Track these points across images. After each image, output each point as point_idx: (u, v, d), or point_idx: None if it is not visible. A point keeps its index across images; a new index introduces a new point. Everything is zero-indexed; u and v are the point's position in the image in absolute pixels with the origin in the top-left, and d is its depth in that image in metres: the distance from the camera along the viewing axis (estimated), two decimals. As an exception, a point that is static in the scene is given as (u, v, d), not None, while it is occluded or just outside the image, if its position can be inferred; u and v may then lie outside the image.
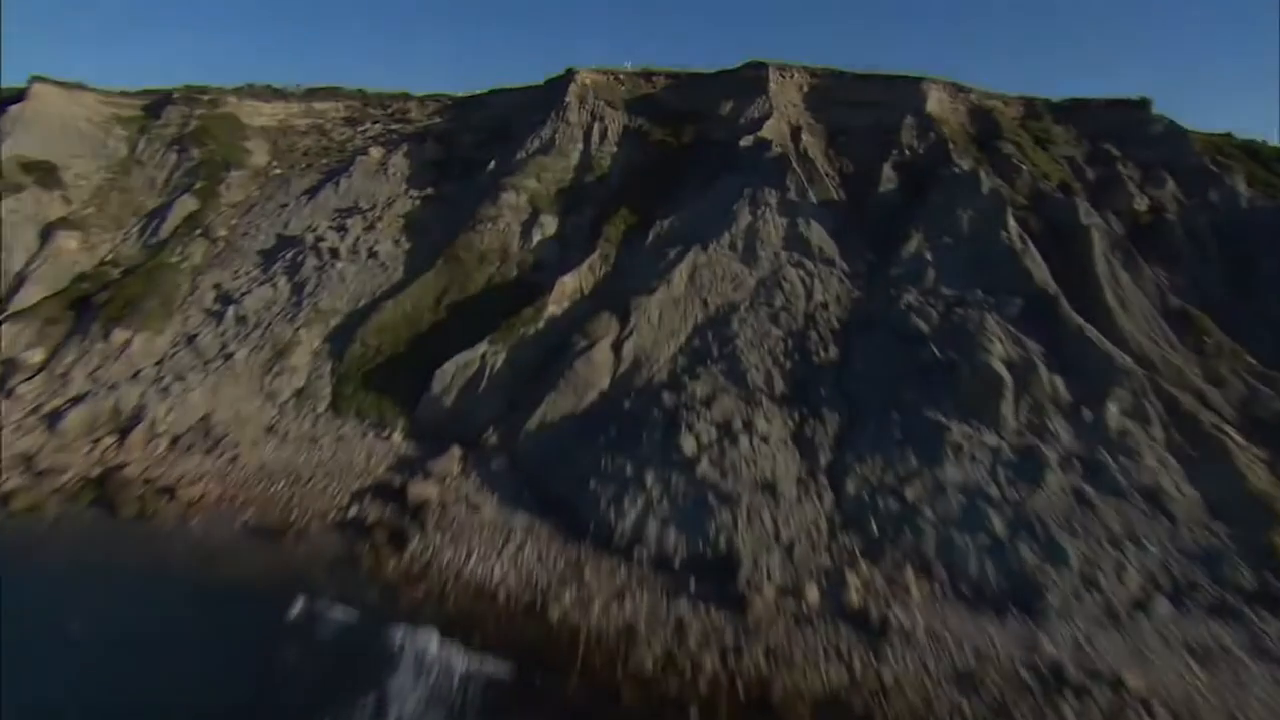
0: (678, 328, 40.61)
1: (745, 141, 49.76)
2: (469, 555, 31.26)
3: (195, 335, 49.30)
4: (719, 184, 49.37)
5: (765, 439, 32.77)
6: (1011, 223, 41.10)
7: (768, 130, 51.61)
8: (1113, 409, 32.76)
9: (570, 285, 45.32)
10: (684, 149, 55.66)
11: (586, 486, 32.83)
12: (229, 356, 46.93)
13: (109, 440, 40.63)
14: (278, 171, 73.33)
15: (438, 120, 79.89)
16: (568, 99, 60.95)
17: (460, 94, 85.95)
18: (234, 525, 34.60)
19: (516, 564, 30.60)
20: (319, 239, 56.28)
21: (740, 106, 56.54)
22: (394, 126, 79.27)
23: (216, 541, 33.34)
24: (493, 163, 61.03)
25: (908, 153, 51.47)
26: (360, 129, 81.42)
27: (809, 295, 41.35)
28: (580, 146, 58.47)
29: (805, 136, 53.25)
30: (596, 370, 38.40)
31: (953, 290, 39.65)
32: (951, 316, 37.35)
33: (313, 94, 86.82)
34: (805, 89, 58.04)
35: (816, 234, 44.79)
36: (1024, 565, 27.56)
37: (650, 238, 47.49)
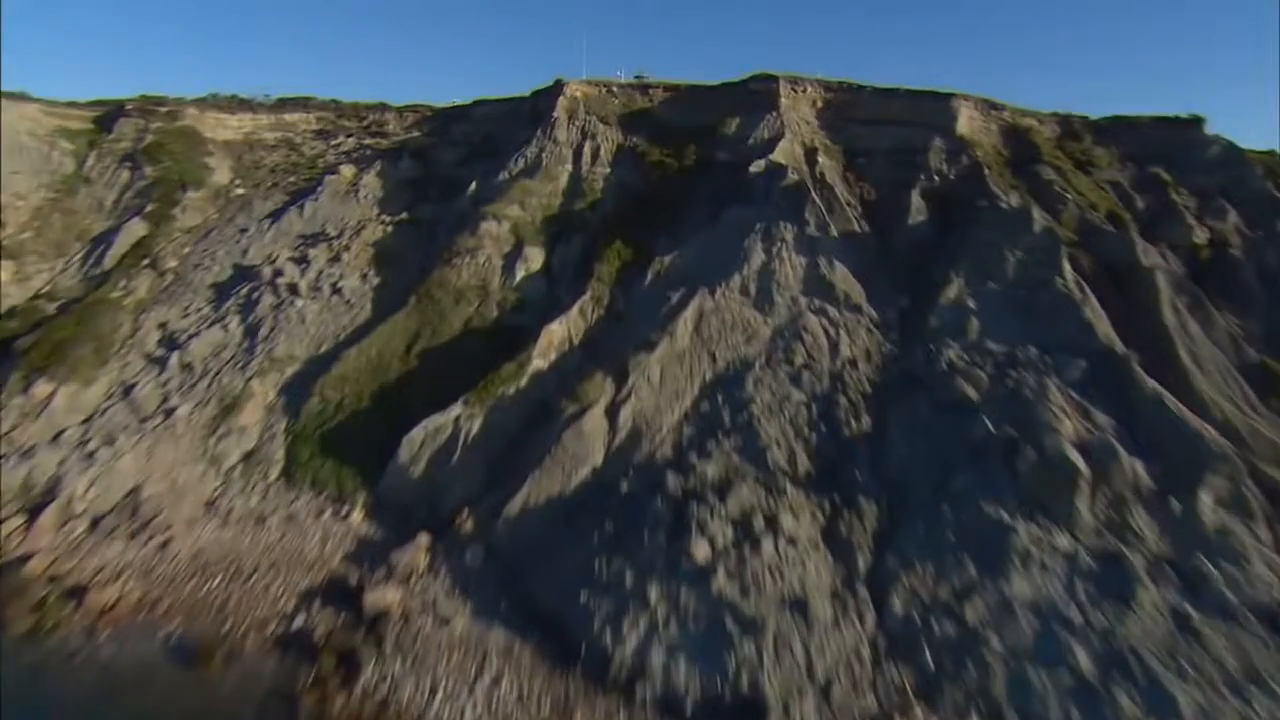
0: (683, 388, 35.00)
1: (755, 167, 44.20)
2: (434, 691, 25.52)
3: (132, 386, 43.24)
4: (727, 215, 43.80)
5: (793, 540, 27.19)
6: (1067, 267, 35.80)
7: (780, 153, 46.09)
8: (1206, 500, 27.40)
9: (558, 334, 39.64)
10: (686, 172, 50.07)
11: (576, 599, 27.16)
12: (169, 413, 40.91)
13: (15, 523, 34.59)
14: (240, 191, 67.24)
15: (416, 134, 74.00)
16: (555, 114, 55.26)
17: (441, 104, 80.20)
18: (153, 641, 28.72)
19: (491, 705, 24.88)
20: (278, 272, 50.30)
21: (748, 124, 51.00)
22: (369, 141, 73.28)
23: (126, 666, 27.44)
24: (473, 184, 55.27)
25: (937, 179, 46.08)
26: (333, 143, 75.41)
27: (834, 349, 35.83)
28: (569, 168, 52.80)
29: (822, 159, 47.77)
30: (588, 443, 32.73)
31: (1001, 346, 34.22)
32: (1004, 380, 31.90)
33: (283, 105, 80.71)
34: (819, 105, 52.59)
35: (840, 275, 39.28)
36: (1122, 718, 22.08)
37: (649, 277, 41.89)
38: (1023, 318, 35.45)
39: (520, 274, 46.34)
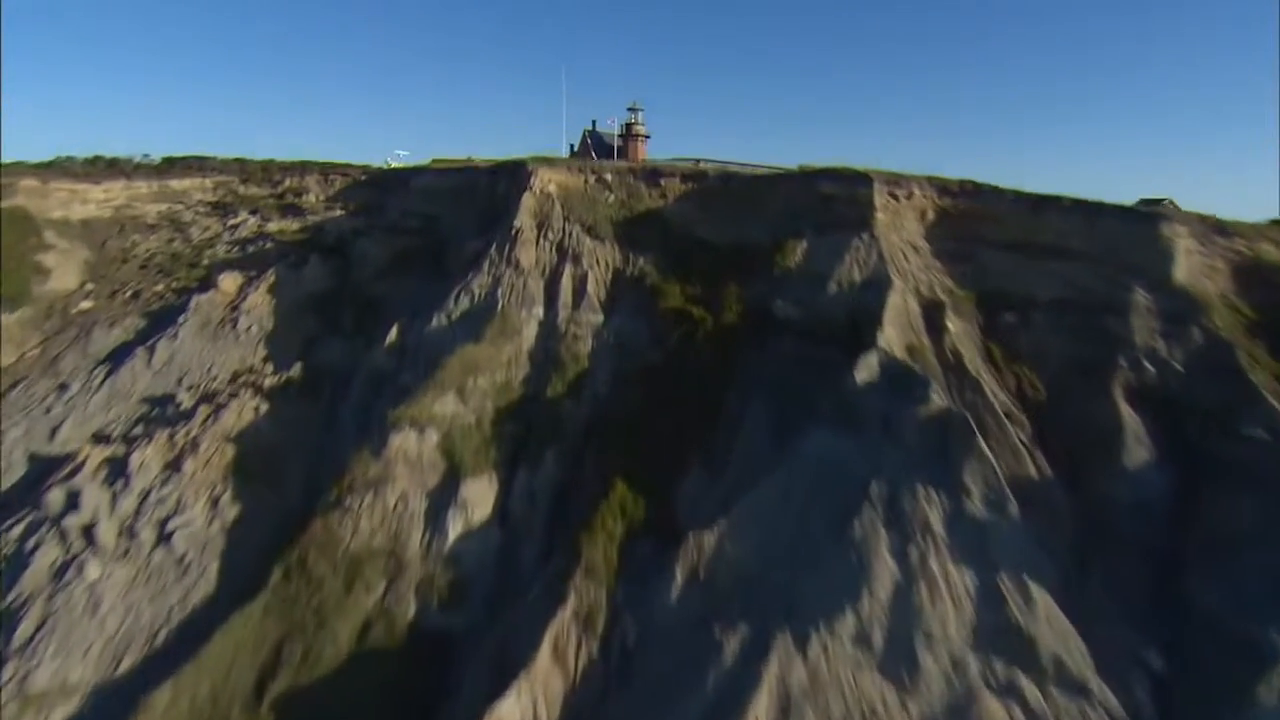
0: None
1: (865, 373, 25.34)
2: None
3: None
4: (808, 448, 25.26)
5: None
6: None
7: (892, 323, 27.54)
8: None
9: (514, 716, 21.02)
10: (725, 335, 31.36)
11: None
12: None
13: None
14: (86, 306, 48.04)
15: (339, 210, 54.87)
16: (517, 221, 36.39)
17: (377, 166, 61.06)
18: None
19: None
20: (73, 501, 31.31)
21: (824, 252, 32.29)
22: (274, 225, 53.99)
23: None
24: (394, 331, 36.41)
25: (1150, 366, 27.53)
26: (230, 222, 56.14)
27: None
28: (538, 313, 34.08)
29: (952, 323, 29.14)
30: None
31: None
32: None
33: (170, 167, 61.22)
34: (931, 218, 33.78)
35: (1042, 615, 20.84)
36: None
37: (677, 579, 23.42)
38: None
39: (455, 530, 27.73)
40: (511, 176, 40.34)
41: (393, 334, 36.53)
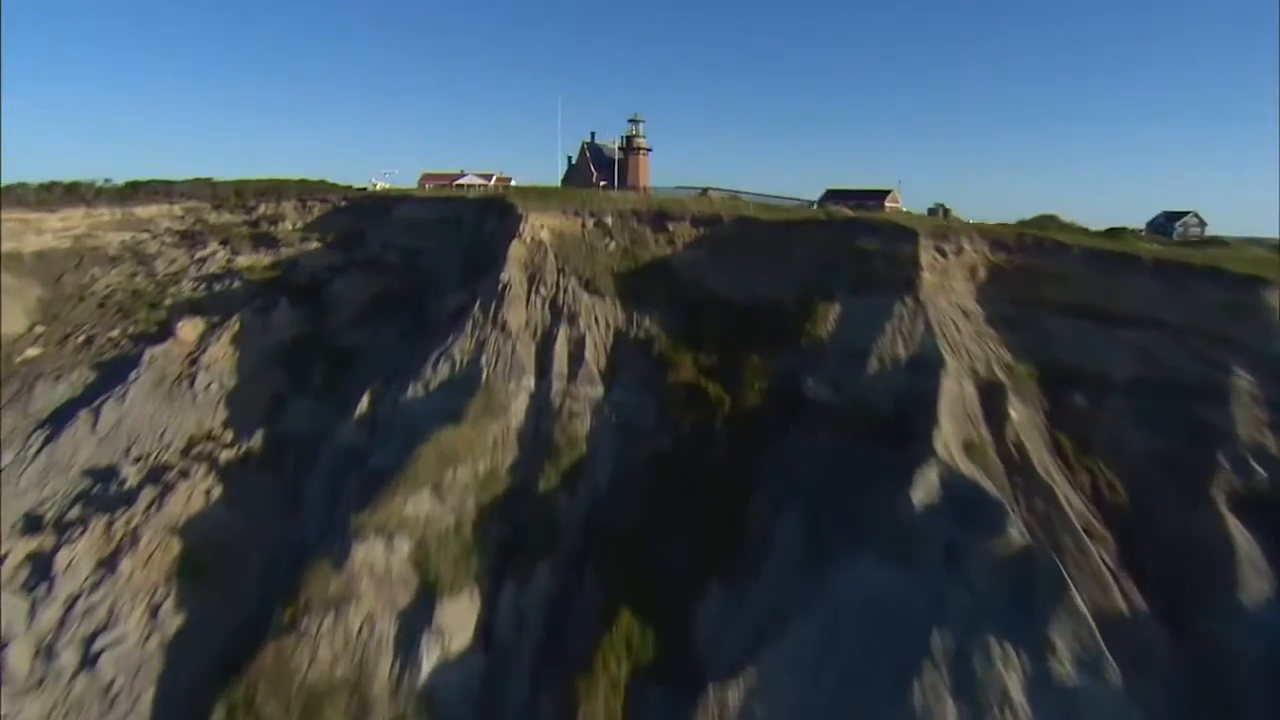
0: None
1: (923, 494, 20.86)
2: None
3: None
4: (851, 575, 20.83)
5: None
6: None
7: (947, 414, 23.04)
8: None
9: None
10: (746, 420, 26.84)
11: None
12: None
13: None
14: (33, 353, 43.59)
15: (315, 243, 50.36)
16: (504, 275, 31.85)
17: (360, 186, 56.60)
18: None
19: None
20: (-13, 611, 26.85)
21: (861, 316, 27.85)
22: (243, 259, 49.49)
23: None
24: (364, 400, 31.97)
25: (1259, 469, 23.07)
26: (199, 253, 51.64)
27: None
28: (528, 384, 29.60)
29: (1013, 410, 24.66)
30: None
31: None
32: None
33: (134, 192, 56.63)
34: (983, 276, 29.27)
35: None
36: None
37: (700, 751, 18.88)
38: None
39: (430, 660, 23.35)
40: (500, 217, 35.82)
41: (364, 403, 32.08)
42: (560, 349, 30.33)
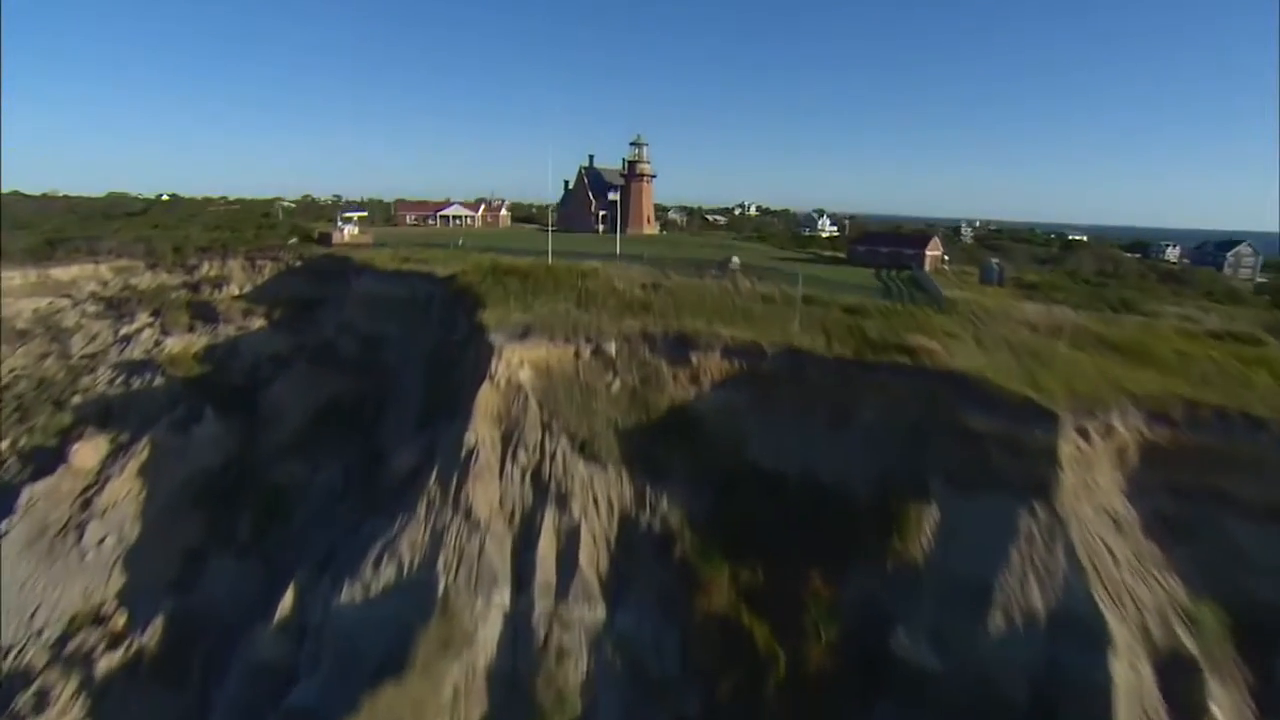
0: None
1: None
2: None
3: None
4: None
5: None
6: None
7: (1127, 711, 14.80)
8: None
9: None
10: (810, 685, 18.67)
11: None
12: None
13: None
14: (-96, 473, 35.54)
15: (260, 321, 42.13)
16: (469, 436, 23.62)
17: (320, 252, 48.15)
18: None
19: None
20: None
21: (971, 530, 19.60)
22: (173, 341, 41.26)
23: None
24: (289, 596, 23.95)
25: None
26: (124, 329, 43.51)
27: None
28: (502, 603, 21.51)
29: (1215, 707, 16.46)
30: None
31: None
32: None
33: (54, 249, 48.26)
34: (1134, 460, 21.02)
35: None
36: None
37: None
38: None
39: None
40: (469, 337, 27.49)
41: (288, 601, 24.04)
42: (546, 546, 22.18)
